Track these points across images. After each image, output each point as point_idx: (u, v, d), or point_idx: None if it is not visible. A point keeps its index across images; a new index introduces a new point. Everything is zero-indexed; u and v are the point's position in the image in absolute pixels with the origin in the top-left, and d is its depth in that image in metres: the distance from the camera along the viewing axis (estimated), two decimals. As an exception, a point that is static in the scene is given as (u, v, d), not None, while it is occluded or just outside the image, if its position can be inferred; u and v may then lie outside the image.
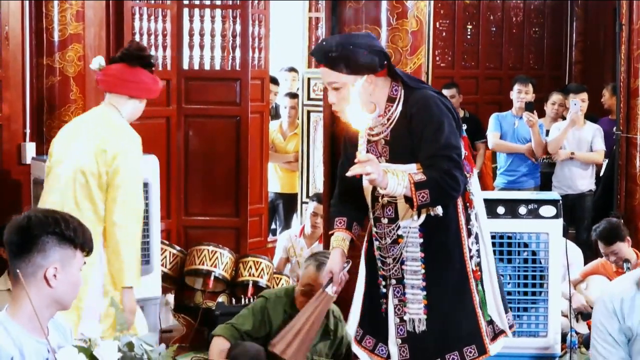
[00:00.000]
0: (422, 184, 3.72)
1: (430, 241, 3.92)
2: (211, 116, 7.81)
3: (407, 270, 3.95)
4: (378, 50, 3.88)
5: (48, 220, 2.93)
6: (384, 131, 3.91)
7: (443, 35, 10.71)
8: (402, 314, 3.98)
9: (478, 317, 3.96)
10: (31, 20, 7.08)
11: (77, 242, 2.96)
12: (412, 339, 3.97)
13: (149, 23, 7.91)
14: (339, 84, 3.84)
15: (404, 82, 3.92)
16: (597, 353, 4.64)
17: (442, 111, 3.84)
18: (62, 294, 2.95)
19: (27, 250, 2.90)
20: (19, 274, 2.90)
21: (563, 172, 8.28)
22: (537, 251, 5.64)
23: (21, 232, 2.92)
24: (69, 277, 2.95)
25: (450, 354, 3.94)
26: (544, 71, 11.42)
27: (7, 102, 7.00)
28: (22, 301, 2.91)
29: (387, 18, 4.91)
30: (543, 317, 5.66)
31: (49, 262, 2.91)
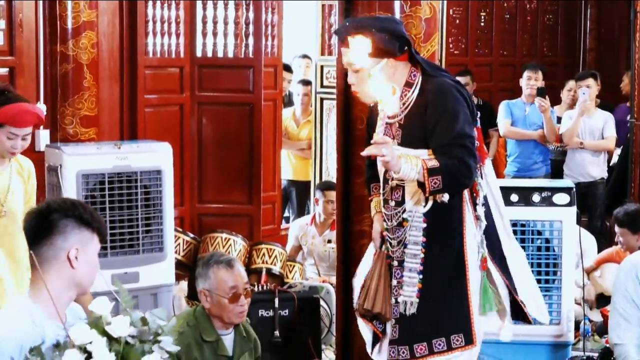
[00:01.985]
0: (435, 170, 3.79)
1: (433, 226, 3.98)
2: (224, 104, 7.81)
3: (407, 254, 4.01)
4: (400, 36, 3.94)
5: (67, 205, 3.04)
6: (399, 115, 3.97)
7: (457, 23, 10.68)
8: (398, 295, 4.04)
9: (470, 306, 3.99)
10: (45, 7, 7.09)
11: (94, 226, 3.06)
12: (403, 320, 4.03)
13: (162, 10, 7.91)
14: (359, 65, 3.90)
15: (423, 69, 3.98)
16: (617, 315, 4.74)
17: (458, 100, 3.90)
18: (83, 275, 3.04)
19: (47, 234, 2.99)
20: (38, 258, 2.98)
21: (574, 159, 8.28)
22: (551, 239, 5.64)
23: (41, 217, 3.02)
24: (89, 259, 3.04)
25: (438, 339, 3.97)
26: (557, 59, 11.38)
27: (21, 89, 7.01)
28: (42, 286, 2.98)
29: (401, 5, 4.89)
30: (556, 305, 5.65)
31: (70, 244, 3.00)
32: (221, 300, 4.46)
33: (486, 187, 4.11)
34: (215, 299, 4.47)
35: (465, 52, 10.80)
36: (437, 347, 3.97)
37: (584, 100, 8.03)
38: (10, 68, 6.95)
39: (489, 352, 5.41)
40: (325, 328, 6.06)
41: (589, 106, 8.11)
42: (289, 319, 5.59)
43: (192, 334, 4.46)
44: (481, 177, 4.06)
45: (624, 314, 5.09)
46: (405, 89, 3.96)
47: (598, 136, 8.21)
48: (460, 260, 3.99)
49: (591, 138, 8.21)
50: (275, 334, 5.51)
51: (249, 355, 4.66)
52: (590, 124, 8.21)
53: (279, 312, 5.58)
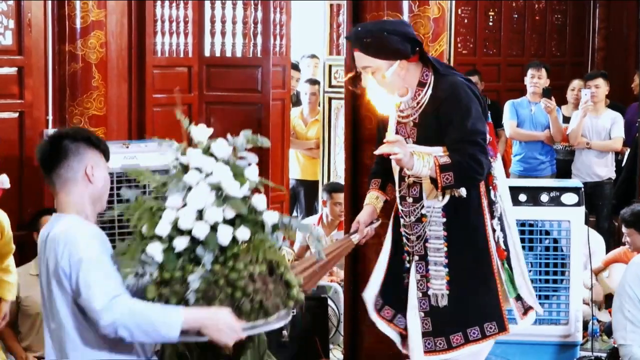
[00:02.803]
0: (447, 167, 3.90)
1: (452, 220, 4.08)
2: (232, 103, 7.81)
3: (430, 248, 4.12)
4: (410, 38, 4.04)
5: (74, 130, 3.52)
6: (413, 114, 4.08)
7: (465, 22, 10.66)
8: (425, 288, 4.14)
9: (499, 294, 4.12)
10: (53, 7, 7.10)
11: (101, 147, 3.46)
12: (434, 312, 4.13)
13: (170, 10, 7.92)
14: (372, 68, 4.03)
15: (435, 68, 4.07)
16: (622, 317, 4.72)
17: (470, 97, 3.99)
18: (100, 189, 3.44)
19: (63, 158, 3.38)
20: (58, 181, 3.39)
21: (581, 159, 8.27)
22: (559, 239, 5.63)
23: (56, 144, 3.40)
24: (102, 174, 3.44)
25: (471, 329, 4.10)
26: (566, 58, 11.36)
27: (30, 89, 7.03)
28: (68, 206, 3.39)
29: (409, 5, 4.90)
30: (564, 305, 5.65)
31: (85, 162, 3.39)
32: None
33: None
34: None
35: (473, 51, 10.78)
36: (472, 336, 4.09)
37: (586, 102, 8.01)
38: (19, 68, 6.96)
39: (497, 352, 5.41)
40: (333, 328, 6.07)
41: (591, 107, 8.08)
42: (296, 318, 5.59)
43: None
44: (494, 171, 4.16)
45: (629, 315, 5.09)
46: (418, 88, 4.06)
47: (605, 136, 8.20)
48: (483, 251, 4.10)
49: (598, 138, 8.20)
50: (283, 334, 5.51)
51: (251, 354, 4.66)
52: (597, 124, 8.20)
53: (287, 311, 5.57)
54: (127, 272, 3.25)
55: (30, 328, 5.82)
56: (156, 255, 3.24)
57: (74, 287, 3.22)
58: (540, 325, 5.61)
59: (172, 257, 3.27)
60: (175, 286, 3.25)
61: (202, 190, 3.35)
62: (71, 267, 3.22)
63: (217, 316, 3.20)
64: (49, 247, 3.31)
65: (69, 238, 3.26)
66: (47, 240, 3.34)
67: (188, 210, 3.30)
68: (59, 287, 3.28)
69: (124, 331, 3.15)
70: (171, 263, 3.26)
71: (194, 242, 3.28)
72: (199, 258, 3.27)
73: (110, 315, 3.14)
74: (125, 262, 3.27)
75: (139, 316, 3.15)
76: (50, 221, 3.43)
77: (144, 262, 3.25)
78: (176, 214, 3.30)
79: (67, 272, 3.23)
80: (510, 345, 5.47)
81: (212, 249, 3.27)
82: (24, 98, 6.99)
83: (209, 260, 3.27)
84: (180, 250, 3.26)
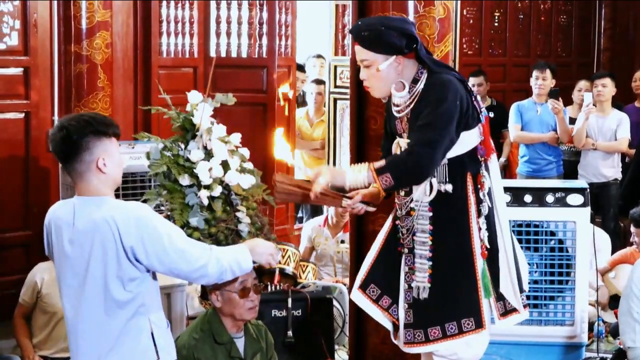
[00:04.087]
0: (382, 169, 4.00)
1: (438, 215, 4.13)
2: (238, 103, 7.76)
3: (416, 241, 4.17)
4: (407, 34, 4.08)
5: (81, 124, 3.55)
6: (406, 110, 4.14)
7: (470, 23, 10.67)
8: (410, 280, 4.20)
9: (479, 292, 4.13)
10: (59, 8, 7.11)
11: (109, 132, 3.60)
12: (416, 305, 4.18)
13: (176, 10, 7.93)
14: (369, 61, 4.13)
15: (429, 66, 4.12)
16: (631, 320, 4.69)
17: (447, 94, 4.01)
18: (114, 175, 3.63)
19: (75, 153, 3.54)
20: (73, 173, 3.58)
21: (587, 160, 8.25)
22: (564, 240, 5.63)
23: (65, 142, 3.54)
24: (114, 160, 3.61)
25: (449, 324, 4.11)
26: (572, 58, 11.36)
27: (36, 89, 7.04)
28: (88, 191, 3.58)
29: (415, 5, 4.89)
30: (570, 306, 5.64)
31: (95, 155, 3.54)
32: (231, 296, 4.45)
33: (490, 181, 4.21)
34: (226, 295, 4.46)
35: (479, 52, 10.79)
36: (450, 331, 4.11)
37: (588, 104, 8.00)
38: (25, 68, 6.97)
39: (502, 353, 5.41)
40: (338, 328, 6.06)
41: (593, 110, 8.07)
42: (302, 319, 5.59)
43: (207, 339, 4.48)
44: (486, 170, 4.17)
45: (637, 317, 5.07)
46: (412, 85, 4.12)
47: (611, 137, 8.18)
48: (466, 248, 4.12)
49: (604, 139, 8.19)
50: (288, 334, 5.51)
51: (261, 357, 4.67)
52: (603, 125, 8.19)
53: (292, 312, 5.58)
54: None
55: (44, 325, 5.83)
56: (204, 199, 4.18)
57: (150, 260, 3.53)
58: (546, 326, 5.61)
59: (215, 201, 4.22)
60: (220, 225, 4.21)
61: (219, 145, 4.25)
62: (146, 244, 3.50)
63: (257, 243, 3.92)
64: (100, 230, 3.49)
65: (130, 218, 3.51)
66: (96, 224, 3.50)
67: (215, 161, 4.22)
68: (110, 266, 3.51)
69: (225, 274, 3.70)
70: (217, 205, 4.21)
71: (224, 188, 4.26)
72: (232, 201, 4.27)
73: (213, 265, 3.64)
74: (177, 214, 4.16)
75: (227, 259, 3.69)
76: (79, 206, 3.58)
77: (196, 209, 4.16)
78: (209, 164, 4.19)
79: (137, 249, 3.50)
80: (516, 346, 5.47)
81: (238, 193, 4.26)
82: (30, 98, 7.00)
83: (238, 201, 4.30)
84: (217, 195, 4.22)
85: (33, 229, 6.99)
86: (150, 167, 4.32)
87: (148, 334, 3.60)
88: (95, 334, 3.57)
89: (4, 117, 6.89)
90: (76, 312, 3.59)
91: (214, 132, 4.34)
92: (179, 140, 4.39)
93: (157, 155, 4.32)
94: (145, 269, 3.56)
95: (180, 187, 4.30)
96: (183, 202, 4.29)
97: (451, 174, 4.09)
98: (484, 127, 4.16)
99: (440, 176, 4.09)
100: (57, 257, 3.67)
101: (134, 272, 3.53)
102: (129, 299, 3.54)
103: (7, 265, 6.87)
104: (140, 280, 3.56)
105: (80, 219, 3.55)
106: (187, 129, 4.40)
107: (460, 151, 4.08)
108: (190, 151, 4.29)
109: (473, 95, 4.15)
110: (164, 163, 4.28)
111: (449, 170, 4.08)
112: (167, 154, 4.32)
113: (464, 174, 4.10)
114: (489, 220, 4.18)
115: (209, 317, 4.55)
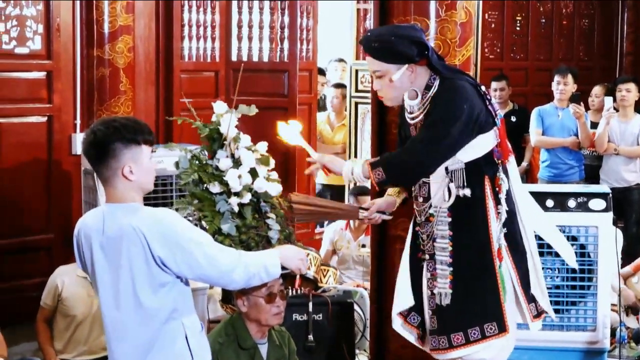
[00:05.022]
0: (376, 163, 4.09)
1: (458, 220, 4.12)
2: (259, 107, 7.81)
3: (437, 247, 4.17)
4: (418, 41, 4.08)
5: (110, 130, 3.51)
6: (419, 116, 4.15)
7: (492, 27, 10.64)
8: (433, 287, 4.19)
9: (500, 296, 4.12)
10: (82, 12, 7.15)
11: (139, 139, 3.54)
12: (439, 311, 4.17)
13: (197, 14, 7.96)
14: (381, 72, 4.13)
15: (441, 72, 4.12)
16: None
17: (455, 98, 4.02)
18: (142, 182, 3.58)
19: (103, 158, 3.52)
20: (101, 177, 3.57)
21: (609, 164, 8.22)
22: (586, 244, 5.60)
23: (93, 147, 3.53)
24: (143, 168, 3.56)
25: (472, 329, 4.11)
26: (594, 63, 11.30)
27: (58, 93, 7.08)
28: (116, 195, 3.56)
29: (436, 9, 4.89)
30: (592, 311, 5.61)
31: (122, 162, 3.51)
32: (258, 301, 4.45)
33: (508, 183, 4.22)
34: (252, 300, 4.46)
35: (500, 56, 10.76)
36: (473, 336, 4.10)
37: (609, 109, 7.97)
38: (48, 72, 7.01)
39: (525, 358, 5.39)
40: (359, 333, 6.06)
41: (614, 115, 8.04)
42: (322, 323, 5.59)
43: (231, 343, 4.49)
44: (504, 172, 4.17)
45: None
46: (425, 91, 4.13)
47: (633, 142, 8.14)
48: (486, 252, 4.11)
49: (626, 144, 8.15)
50: (309, 338, 5.50)
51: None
52: (626, 130, 8.15)
53: (313, 316, 5.57)
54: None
55: (65, 328, 5.84)
56: (235, 206, 4.26)
57: (180, 268, 3.51)
58: (568, 332, 5.59)
59: (245, 208, 4.29)
60: (251, 232, 4.26)
61: (247, 153, 4.35)
62: (175, 252, 3.49)
63: (287, 249, 3.92)
64: (128, 238, 3.48)
65: (158, 227, 3.50)
66: (123, 231, 3.49)
67: (244, 168, 4.30)
68: (140, 274, 3.51)
69: (253, 280, 3.70)
70: (247, 212, 4.29)
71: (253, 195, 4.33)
72: (261, 208, 4.33)
73: (241, 271, 3.62)
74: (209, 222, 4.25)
75: (255, 265, 3.67)
76: (108, 213, 3.57)
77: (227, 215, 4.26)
78: (238, 171, 4.27)
79: (166, 258, 3.49)
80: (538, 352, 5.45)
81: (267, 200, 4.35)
82: (53, 102, 7.04)
83: (267, 208, 4.36)
84: (246, 202, 4.29)
85: (55, 232, 7.03)
86: (181, 175, 4.37)
87: (182, 339, 3.60)
88: (131, 341, 3.58)
89: (26, 121, 6.93)
90: (112, 320, 3.60)
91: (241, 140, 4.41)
92: (204, 149, 4.42)
93: (185, 164, 4.37)
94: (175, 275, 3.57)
95: (210, 194, 4.33)
96: (214, 209, 4.32)
97: (469, 178, 4.08)
98: (500, 130, 4.15)
99: (458, 181, 4.08)
100: (90, 267, 3.65)
101: (165, 277, 3.53)
102: (160, 306, 3.54)
103: (30, 268, 6.91)
104: (171, 285, 3.56)
105: (109, 226, 3.55)
106: (214, 138, 4.42)
107: (477, 155, 4.08)
108: (219, 159, 4.34)
109: (488, 99, 4.14)
110: (194, 171, 4.34)
111: (467, 175, 4.08)
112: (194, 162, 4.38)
113: (482, 177, 4.10)
114: (510, 222, 4.18)
115: (233, 322, 4.55)
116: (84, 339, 5.83)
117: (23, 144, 6.89)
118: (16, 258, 6.93)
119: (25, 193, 6.91)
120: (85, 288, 5.73)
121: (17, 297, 6.79)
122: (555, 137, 8.41)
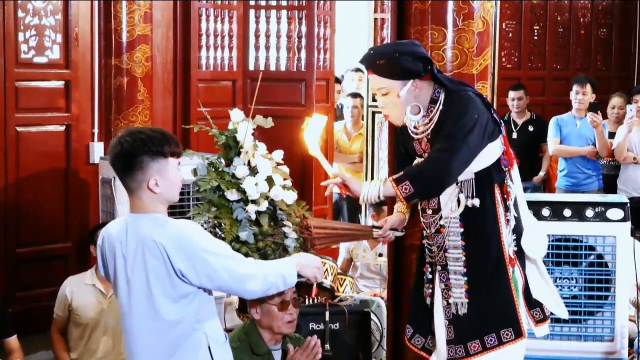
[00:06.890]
0: (401, 178, 4.02)
1: (470, 230, 4.13)
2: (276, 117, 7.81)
3: (449, 257, 4.18)
4: (421, 56, 4.11)
5: (137, 143, 3.50)
6: (426, 130, 4.14)
7: (509, 36, 10.63)
8: (448, 297, 4.21)
9: (515, 301, 4.14)
10: (100, 21, 7.19)
11: (166, 152, 3.54)
12: (456, 320, 4.18)
13: (215, 24, 7.98)
14: (387, 89, 4.14)
15: (445, 85, 4.13)
16: None
17: (467, 108, 4.03)
18: (167, 195, 3.58)
19: (128, 171, 3.52)
20: (127, 188, 3.56)
21: (627, 174, 8.20)
22: (604, 254, 5.58)
23: (120, 158, 3.53)
24: (168, 181, 3.55)
25: (488, 336, 4.12)
26: (611, 72, 11.28)
27: (76, 102, 7.11)
28: (140, 205, 3.56)
29: (454, 19, 4.88)
30: (609, 322, 5.59)
31: (148, 175, 3.51)
32: (270, 309, 4.47)
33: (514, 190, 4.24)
34: (265, 308, 4.48)
35: (518, 65, 10.75)
36: (489, 343, 4.12)
37: (631, 117, 7.95)
38: (66, 81, 7.05)
39: (541, 368, 5.37)
40: (375, 342, 6.05)
41: (636, 122, 8.01)
42: (339, 332, 5.58)
43: (245, 349, 4.50)
44: (510, 180, 4.18)
45: None
46: (430, 105, 4.12)
47: (651, 150, 8.13)
48: (499, 259, 4.13)
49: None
50: (326, 348, 5.49)
51: None
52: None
53: (330, 325, 5.56)
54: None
55: (79, 337, 5.88)
56: (252, 214, 4.34)
57: (201, 280, 3.53)
58: (585, 342, 5.56)
59: (261, 215, 4.37)
60: (267, 239, 4.36)
61: (263, 161, 4.42)
62: (195, 265, 3.49)
63: (303, 257, 3.92)
64: (148, 250, 3.49)
65: (178, 240, 3.49)
66: (145, 243, 3.50)
67: (261, 176, 4.37)
68: (161, 286, 3.52)
69: (271, 290, 3.71)
70: (264, 220, 4.38)
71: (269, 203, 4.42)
72: (277, 216, 4.43)
73: (259, 282, 3.63)
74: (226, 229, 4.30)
75: (273, 274, 3.68)
76: (131, 223, 3.57)
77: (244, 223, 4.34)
78: (254, 179, 4.34)
79: (187, 271, 3.49)
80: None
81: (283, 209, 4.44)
82: (71, 111, 7.08)
83: (284, 216, 4.46)
84: (263, 210, 4.37)
85: (72, 241, 7.06)
86: (199, 182, 4.39)
87: (205, 349, 3.61)
88: (151, 351, 3.59)
89: (45, 130, 6.96)
90: (131, 331, 3.61)
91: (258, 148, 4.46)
92: (220, 157, 4.46)
93: (203, 171, 4.41)
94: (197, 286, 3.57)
95: (228, 202, 4.38)
96: (231, 216, 4.36)
97: (478, 188, 4.09)
98: (504, 138, 4.18)
99: (467, 191, 4.09)
100: (112, 276, 3.66)
101: (187, 288, 3.53)
102: (181, 316, 3.55)
103: (46, 276, 6.93)
104: (193, 296, 3.57)
105: (131, 236, 3.55)
106: (230, 146, 4.46)
107: (486, 164, 4.09)
108: (235, 167, 4.38)
109: (492, 108, 4.16)
110: (212, 179, 4.38)
111: (476, 184, 4.09)
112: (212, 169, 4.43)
113: (492, 185, 4.11)
114: (517, 228, 4.21)
115: (247, 329, 4.57)
116: (100, 347, 5.85)
117: (41, 152, 6.93)
118: (34, 266, 6.96)
119: (43, 202, 6.94)
120: (94, 295, 5.77)
121: (35, 306, 6.81)
122: (573, 146, 8.40)
